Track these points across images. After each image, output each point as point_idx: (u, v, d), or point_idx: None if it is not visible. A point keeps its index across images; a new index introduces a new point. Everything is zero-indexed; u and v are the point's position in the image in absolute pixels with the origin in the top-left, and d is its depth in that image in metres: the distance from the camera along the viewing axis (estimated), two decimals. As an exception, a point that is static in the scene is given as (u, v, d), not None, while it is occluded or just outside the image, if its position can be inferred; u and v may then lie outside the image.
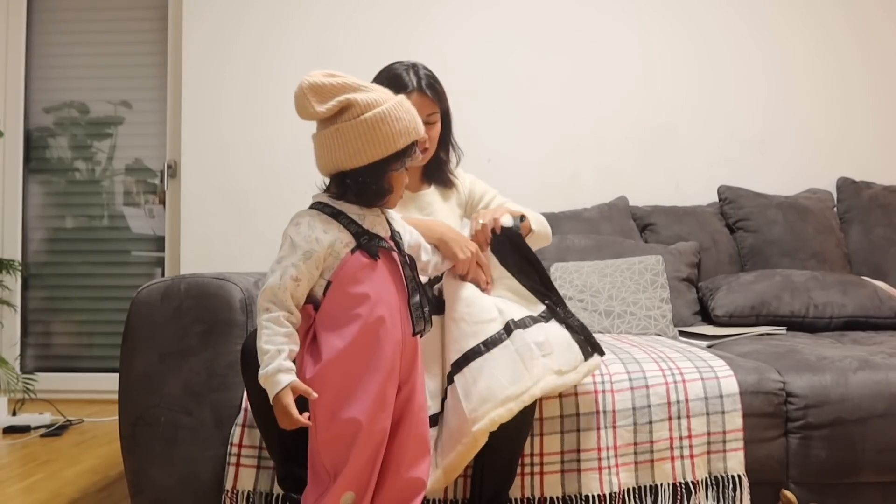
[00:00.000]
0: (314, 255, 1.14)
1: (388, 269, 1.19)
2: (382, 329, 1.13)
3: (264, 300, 1.14)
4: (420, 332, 1.21)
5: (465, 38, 2.96)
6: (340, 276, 1.15)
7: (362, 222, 1.19)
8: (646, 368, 1.54)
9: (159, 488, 1.47)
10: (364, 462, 1.13)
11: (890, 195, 2.72)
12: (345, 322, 1.13)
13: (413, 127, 1.18)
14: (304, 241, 1.15)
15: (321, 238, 1.15)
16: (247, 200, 2.95)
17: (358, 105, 1.14)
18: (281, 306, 1.13)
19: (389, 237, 1.22)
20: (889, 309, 2.24)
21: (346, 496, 1.13)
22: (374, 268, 1.16)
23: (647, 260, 2.27)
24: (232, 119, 3.00)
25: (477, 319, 1.32)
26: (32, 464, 2.23)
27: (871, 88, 2.96)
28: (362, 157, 1.15)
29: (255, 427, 1.43)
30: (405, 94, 1.44)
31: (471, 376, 1.27)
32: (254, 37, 3.02)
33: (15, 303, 3.15)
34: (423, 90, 1.53)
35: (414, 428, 1.19)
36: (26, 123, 3.28)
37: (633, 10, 2.98)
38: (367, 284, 1.15)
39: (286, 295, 1.13)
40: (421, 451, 1.21)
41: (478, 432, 1.23)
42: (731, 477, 1.49)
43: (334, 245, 1.16)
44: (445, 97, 1.60)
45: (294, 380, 1.10)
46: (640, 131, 2.95)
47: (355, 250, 1.16)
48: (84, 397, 3.09)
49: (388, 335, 1.14)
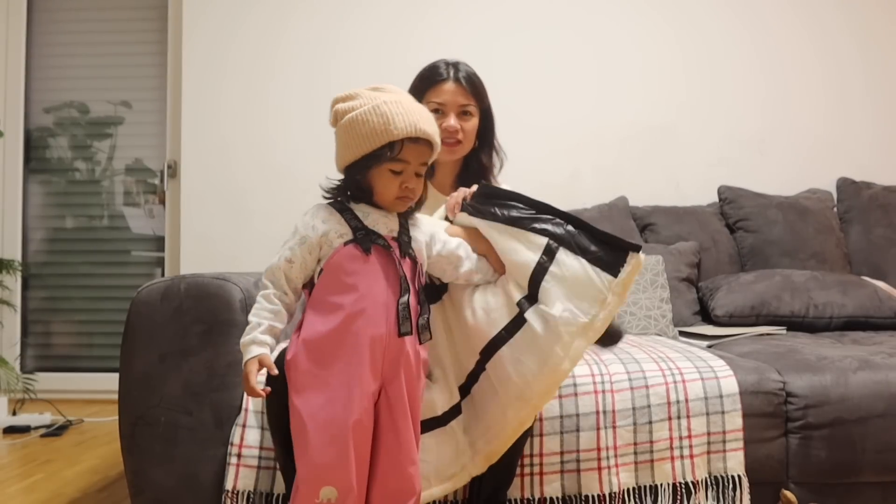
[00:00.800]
0: (308, 240, 1.21)
1: (382, 266, 1.20)
2: (361, 320, 1.16)
3: (264, 278, 1.23)
4: (406, 334, 1.18)
5: (465, 39, 2.95)
6: (330, 264, 1.19)
7: (365, 219, 1.22)
8: (646, 368, 1.54)
9: (159, 488, 1.47)
10: (336, 455, 1.13)
11: (890, 195, 2.72)
12: (329, 309, 1.18)
13: (384, 129, 1.17)
14: (303, 227, 1.22)
15: (317, 226, 1.21)
16: (247, 200, 2.95)
17: (338, 112, 1.22)
18: (275, 285, 1.21)
19: (392, 237, 1.22)
20: (889, 309, 2.24)
21: (325, 490, 1.13)
22: (366, 261, 1.18)
23: (647, 260, 2.26)
24: (232, 119, 3.00)
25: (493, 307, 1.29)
26: (32, 464, 2.23)
27: (871, 88, 2.96)
28: (341, 160, 1.24)
29: (255, 427, 1.43)
30: (439, 83, 1.54)
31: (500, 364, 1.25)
32: (254, 37, 3.02)
33: (15, 303, 3.14)
34: (458, 80, 1.55)
35: (395, 436, 1.18)
36: (26, 123, 3.27)
37: (633, 11, 2.98)
38: (356, 276, 1.18)
39: (280, 274, 1.21)
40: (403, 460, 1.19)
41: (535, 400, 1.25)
42: (731, 477, 1.49)
43: (328, 234, 1.21)
44: (485, 95, 1.60)
45: (263, 352, 1.17)
46: (640, 131, 2.95)
47: (349, 243, 1.19)
48: (84, 397, 3.08)
49: (365, 328, 1.16)
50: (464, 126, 1.55)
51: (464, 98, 1.55)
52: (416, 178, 1.22)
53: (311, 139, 1.18)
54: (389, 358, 1.18)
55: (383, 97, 1.20)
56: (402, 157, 1.19)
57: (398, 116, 1.17)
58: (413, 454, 1.19)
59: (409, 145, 1.18)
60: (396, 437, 1.18)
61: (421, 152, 1.21)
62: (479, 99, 1.58)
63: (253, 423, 1.44)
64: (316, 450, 1.13)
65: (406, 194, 1.22)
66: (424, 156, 1.22)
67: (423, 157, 1.22)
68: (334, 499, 1.13)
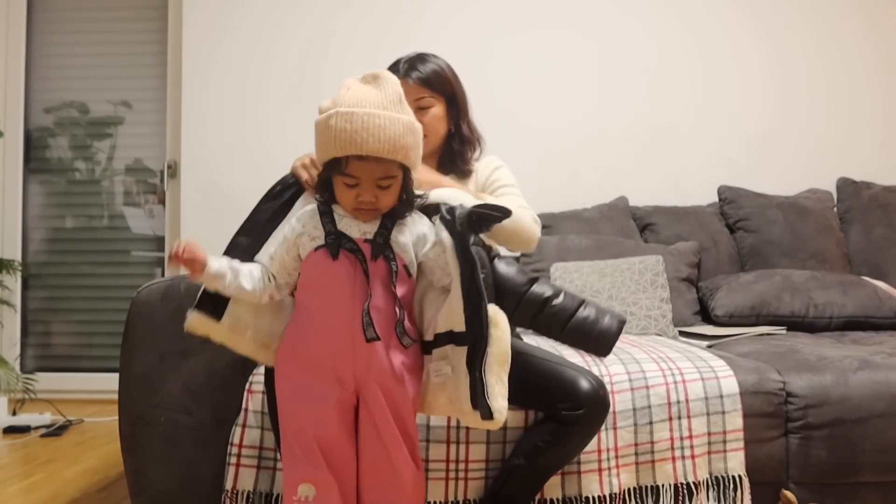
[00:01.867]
0: (287, 239, 1.24)
1: (348, 271, 1.17)
2: (324, 328, 1.17)
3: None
4: (373, 339, 1.14)
5: (464, 39, 2.95)
6: (303, 269, 1.22)
7: (339, 222, 1.20)
8: (646, 369, 1.54)
9: (159, 488, 1.48)
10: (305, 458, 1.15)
11: (890, 195, 2.72)
12: (300, 314, 1.22)
13: (329, 143, 1.13)
14: (287, 226, 1.25)
15: (295, 227, 1.23)
16: (247, 200, 2.91)
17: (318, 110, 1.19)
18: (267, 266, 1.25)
19: (365, 239, 1.19)
20: (889, 309, 2.24)
21: (302, 487, 1.15)
22: (332, 267, 1.17)
23: (647, 260, 2.27)
24: (232, 119, 3.00)
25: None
26: (32, 464, 2.23)
27: (871, 88, 2.96)
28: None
29: (255, 427, 1.43)
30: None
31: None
32: (254, 36, 3.02)
33: (15, 303, 3.14)
34: (406, 77, 1.55)
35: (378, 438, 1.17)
36: (26, 123, 3.27)
37: (633, 11, 2.98)
38: (322, 282, 1.18)
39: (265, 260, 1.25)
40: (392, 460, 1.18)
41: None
42: (731, 477, 1.49)
43: (302, 236, 1.21)
44: (448, 85, 1.60)
45: (209, 258, 1.21)
46: (641, 131, 2.95)
47: (320, 248, 1.19)
48: (84, 397, 3.08)
49: (319, 333, 1.17)
50: (422, 120, 1.43)
51: (415, 93, 1.54)
52: (377, 190, 1.16)
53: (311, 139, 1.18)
54: (361, 365, 1.16)
55: (342, 108, 1.12)
56: (350, 172, 1.14)
57: (342, 133, 1.11)
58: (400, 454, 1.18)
59: (354, 162, 1.13)
60: (379, 438, 1.17)
61: (370, 170, 1.13)
62: (438, 90, 1.58)
63: (253, 423, 1.44)
64: (288, 449, 1.18)
65: (362, 206, 1.17)
66: (376, 172, 1.14)
67: (375, 173, 1.14)
68: (312, 496, 1.14)
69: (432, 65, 1.60)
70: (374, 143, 1.12)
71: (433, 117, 1.58)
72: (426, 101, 1.57)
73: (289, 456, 1.18)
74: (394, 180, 1.17)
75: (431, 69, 1.59)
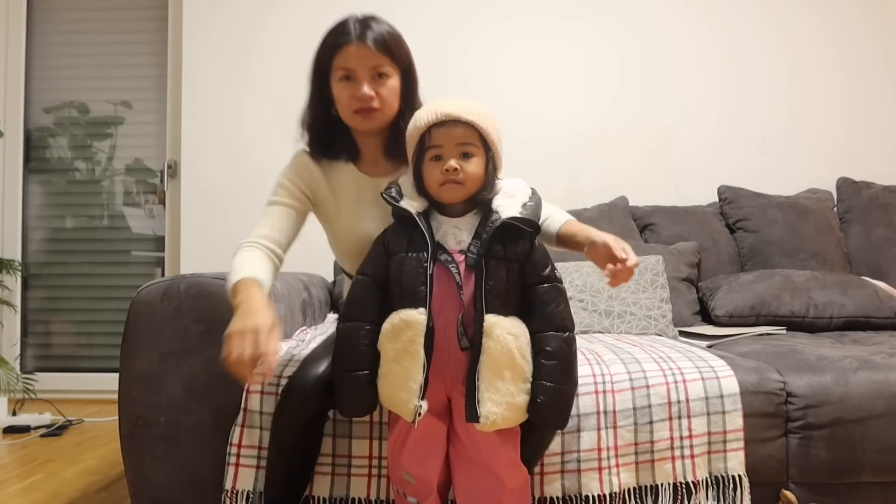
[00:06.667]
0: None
1: (444, 283, 1.23)
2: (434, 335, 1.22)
3: None
4: (467, 349, 1.21)
5: (464, 39, 2.96)
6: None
7: (436, 231, 1.28)
8: (646, 368, 1.54)
9: (159, 488, 1.47)
10: (402, 447, 1.29)
11: (890, 195, 2.72)
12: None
13: (415, 128, 1.30)
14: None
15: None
16: (247, 200, 2.93)
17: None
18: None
19: (459, 250, 1.24)
20: (889, 309, 2.24)
21: (406, 474, 1.30)
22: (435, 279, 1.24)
23: (647, 260, 2.27)
24: (232, 119, 3.00)
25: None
26: (32, 464, 2.23)
27: (872, 88, 2.96)
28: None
29: (254, 427, 1.43)
30: (345, 46, 1.37)
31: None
32: (254, 36, 3.01)
33: (15, 303, 3.15)
34: (362, 39, 1.35)
35: (469, 437, 1.26)
36: (26, 123, 3.28)
37: (633, 11, 2.98)
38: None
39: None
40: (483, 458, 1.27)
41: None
42: (731, 477, 1.48)
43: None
44: (404, 54, 1.42)
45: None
46: (641, 131, 2.95)
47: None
48: (84, 397, 3.09)
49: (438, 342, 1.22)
50: (379, 91, 1.37)
51: (372, 59, 1.35)
52: (460, 159, 1.24)
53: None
54: (451, 370, 1.23)
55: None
56: (433, 142, 1.25)
57: (421, 112, 1.28)
58: (492, 452, 1.25)
59: (436, 130, 1.25)
60: (470, 436, 1.25)
61: (451, 135, 1.24)
62: (396, 58, 1.39)
63: (253, 424, 1.44)
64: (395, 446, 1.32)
65: (448, 178, 1.23)
66: (456, 136, 1.24)
67: (456, 137, 1.24)
68: (413, 481, 1.30)
69: (388, 28, 1.41)
70: (451, 107, 1.24)
71: (391, 90, 1.39)
72: (386, 69, 1.37)
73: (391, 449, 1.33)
74: (476, 150, 1.25)
75: (389, 32, 1.40)
